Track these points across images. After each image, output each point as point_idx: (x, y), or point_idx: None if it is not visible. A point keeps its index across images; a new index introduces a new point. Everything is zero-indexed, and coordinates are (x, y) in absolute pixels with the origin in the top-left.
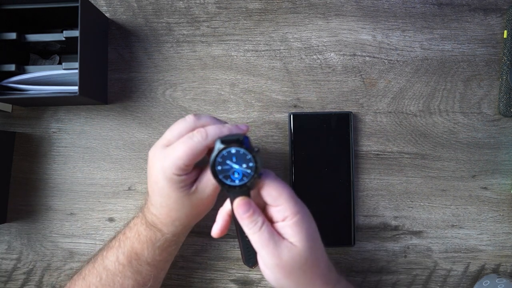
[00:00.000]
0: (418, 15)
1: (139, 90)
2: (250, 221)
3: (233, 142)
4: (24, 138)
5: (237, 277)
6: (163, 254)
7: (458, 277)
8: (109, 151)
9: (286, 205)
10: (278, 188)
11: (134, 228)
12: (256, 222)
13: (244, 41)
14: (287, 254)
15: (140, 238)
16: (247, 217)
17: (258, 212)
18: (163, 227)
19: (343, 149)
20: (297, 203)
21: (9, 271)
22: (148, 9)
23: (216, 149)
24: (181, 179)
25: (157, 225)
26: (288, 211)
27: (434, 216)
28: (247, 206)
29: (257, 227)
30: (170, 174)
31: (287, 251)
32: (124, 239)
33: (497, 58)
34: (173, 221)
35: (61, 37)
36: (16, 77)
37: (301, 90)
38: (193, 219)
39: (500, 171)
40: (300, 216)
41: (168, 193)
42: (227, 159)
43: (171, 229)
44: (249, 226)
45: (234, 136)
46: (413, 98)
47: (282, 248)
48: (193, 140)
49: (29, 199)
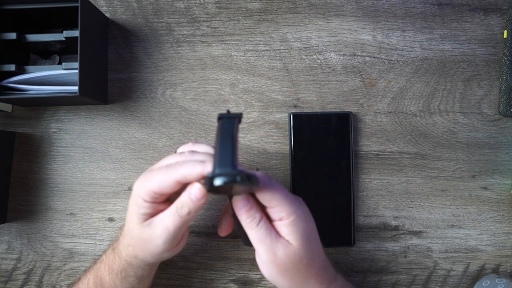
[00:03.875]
0: (418, 15)
1: (139, 90)
2: (247, 216)
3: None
4: (24, 138)
5: (237, 277)
6: (124, 284)
7: (458, 277)
8: (109, 151)
9: (280, 207)
10: (270, 191)
11: (108, 249)
12: (254, 217)
13: (244, 41)
14: (282, 251)
15: (104, 261)
16: (245, 211)
17: (255, 208)
18: (121, 249)
19: (343, 149)
20: (292, 203)
21: (9, 271)
22: (148, 9)
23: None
24: (145, 206)
25: (118, 247)
26: (283, 212)
27: (434, 216)
28: (245, 201)
29: (254, 222)
30: (136, 194)
31: (282, 248)
32: (99, 261)
33: (497, 58)
34: (126, 245)
35: (61, 37)
36: (16, 77)
37: (301, 90)
38: (143, 253)
39: (500, 171)
40: (295, 216)
41: (129, 215)
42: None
43: (124, 253)
44: (246, 221)
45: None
46: (413, 98)
47: (278, 245)
48: (167, 171)
49: (29, 199)
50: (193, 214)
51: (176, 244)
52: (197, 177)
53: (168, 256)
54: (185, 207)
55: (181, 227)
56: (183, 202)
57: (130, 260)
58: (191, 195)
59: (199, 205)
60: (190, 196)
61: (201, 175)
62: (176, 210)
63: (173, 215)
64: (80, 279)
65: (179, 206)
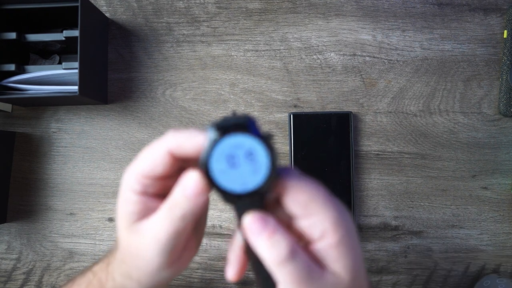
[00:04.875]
0: (418, 15)
1: (139, 90)
2: (270, 246)
3: (233, 128)
4: (24, 138)
5: None
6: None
7: (458, 277)
8: (109, 151)
9: (323, 214)
10: (308, 190)
11: (103, 261)
12: (282, 248)
13: (244, 41)
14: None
15: (97, 276)
16: (266, 238)
17: (282, 232)
18: (115, 268)
19: (343, 149)
20: (340, 209)
21: (9, 271)
22: (148, 9)
23: (209, 141)
24: (134, 200)
25: (112, 263)
26: (327, 222)
27: (434, 216)
28: (263, 222)
29: (285, 256)
30: (124, 187)
31: (330, 287)
32: (92, 272)
33: (497, 58)
34: (120, 262)
35: (61, 37)
36: (16, 77)
37: (301, 90)
38: (136, 271)
39: (500, 171)
40: (345, 230)
41: (117, 219)
42: (227, 155)
43: (118, 272)
44: (271, 256)
45: (234, 120)
46: (413, 98)
47: (324, 285)
48: (157, 142)
49: (29, 199)
50: (189, 218)
51: (177, 259)
52: (195, 145)
53: (170, 276)
54: (177, 207)
55: (176, 235)
56: (175, 200)
57: (124, 283)
58: (185, 189)
59: (197, 204)
60: (184, 190)
61: (199, 144)
62: (167, 211)
63: (164, 219)
64: (75, 282)
65: (171, 205)
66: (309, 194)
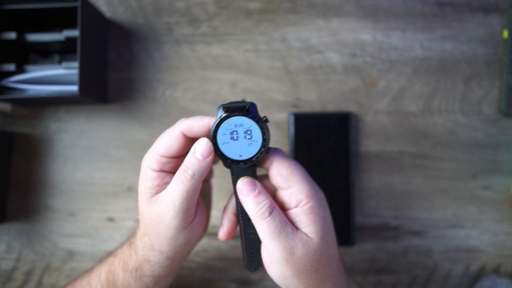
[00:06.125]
0: (418, 15)
1: (139, 90)
2: (255, 204)
3: (237, 110)
4: (24, 138)
5: (237, 277)
6: (138, 284)
7: (458, 277)
8: (109, 151)
9: (299, 186)
10: (289, 166)
11: (124, 243)
12: (263, 205)
13: (244, 41)
14: (301, 248)
15: (119, 256)
16: (253, 197)
17: (265, 193)
18: (138, 243)
19: (343, 149)
20: (313, 185)
21: (9, 271)
22: (148, 9)
23: (217, 117)
24: (153, 176)
25: (135, 241)
26: (302, 193)
27: (434, 216)
28: (252, 185)
29: (265, 211)
30: (144, 166)
31: (301, 245)
32: (114, 255)
33: (497, 58)
34: (142, 236)
35: (61, 37)
36: (16, 77)
37: (301, 90)
38: (157, 240)
39: (500, 171)
40: (315, 201)
41: (139, 195)
42: (230, 130)
43: (141, 245)
44: (254, 210)
45: (239, 104)
46: (413, 98)
47: (296, 241)
48: (172, 127)
49: (29, 199)
50: (198, 177)
51: (190, 222)
52: (204, 127)
53: (186, 241)
54: (189, 167)
55: (188, 196)
56: (186, 163)
57: (147, 254)
58: (196, 153)
59: (205, 165)
60: (195, 153)
61: (208, 125)
62: (179, 175)
63: (177, 182)
64: (93, 270)
65: (183, 169)
66: (290, 169)
